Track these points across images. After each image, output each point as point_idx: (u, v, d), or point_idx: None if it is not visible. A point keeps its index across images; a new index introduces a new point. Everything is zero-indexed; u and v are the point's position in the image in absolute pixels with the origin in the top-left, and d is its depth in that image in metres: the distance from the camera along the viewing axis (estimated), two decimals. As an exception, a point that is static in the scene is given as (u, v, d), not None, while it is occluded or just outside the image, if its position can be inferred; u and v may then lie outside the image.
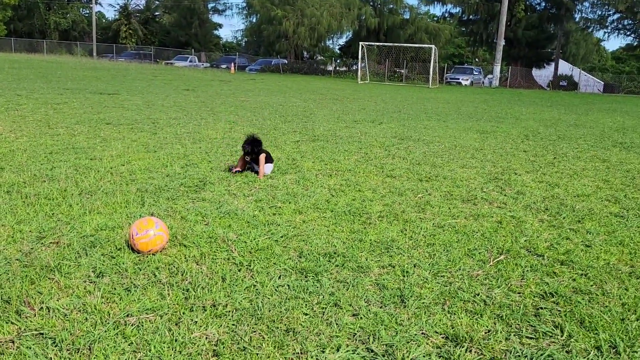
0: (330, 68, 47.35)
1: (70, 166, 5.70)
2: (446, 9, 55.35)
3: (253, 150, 5.61)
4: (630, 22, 51.47)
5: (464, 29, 57.99)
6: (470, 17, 56.38)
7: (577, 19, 54.48)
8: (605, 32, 52.21)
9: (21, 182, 4.95)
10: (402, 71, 39.55)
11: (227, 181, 5.41)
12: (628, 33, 53.51)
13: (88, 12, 73.48)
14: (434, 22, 46.89)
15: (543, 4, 54.36)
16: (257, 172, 5.71)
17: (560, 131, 11.57)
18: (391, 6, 44.02)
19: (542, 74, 54.20)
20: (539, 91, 39.42)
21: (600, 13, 52.44)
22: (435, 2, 52.08)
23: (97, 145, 7.03)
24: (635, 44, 55.88)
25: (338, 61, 50.08)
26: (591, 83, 51.60)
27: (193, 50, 55.81)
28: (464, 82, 39.76)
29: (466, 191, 5.50)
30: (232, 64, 41.58)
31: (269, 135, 8.70)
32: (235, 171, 5.71)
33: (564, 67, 56.37)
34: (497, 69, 39.73)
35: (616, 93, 42.43)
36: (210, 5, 69.12)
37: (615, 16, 51.53)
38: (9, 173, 5.27)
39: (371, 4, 44.23)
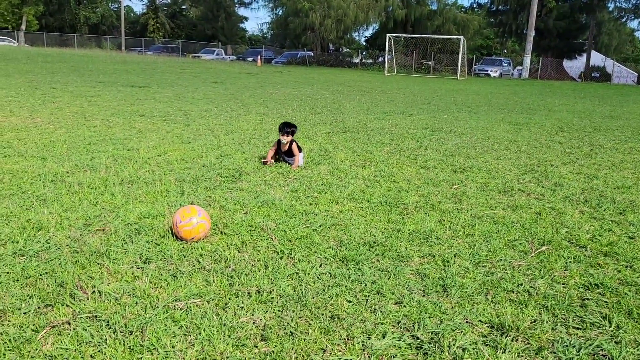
0: (356, 60, 47.17)
1: (109, 157, 5.82)
2: (475, 0, 54.42)
3: (292, 130, 5.69)
4: (666, 11, 50.05)
5: (492, 19, 57.13)
6: (499, 7, 55.50)
7: (610, 9, 53.14)
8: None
9: (64, 171, 5.07)
10: (430, 63, 39.18)
11: (262, 172, 5.46)
12: (663, 22, 52.00)
13: (117, 6, 74.56)
14: (462, 14, 46.26)
15: (574, -7, 53.21)
16: (289, 163, 5.75)
17: (595, 123, 11.34)
18: (419, -3, 43.69)
19: (574, 65, 53.09)
20: (570, 83, 38.63)
21: (634, 2, 51.11)
22: (464, -7, 51.33)
23: (133, 136, 7.15)
24: (671, 33, 54.22)
25: (364, 53, 49.91)
26: (624, 74, 50.36)
27: (220, 43, 56.15)
28: (492, 74, 39.20)
29: (502, 182, 5.45)
30: (259, 57, 41.73)
31: (299, 127, 8.72)
32: (264, 162, 5.74)
33: (596, 58, 55.09)
34: (527, 60, 39.05)
35: (650, 84, 41.35)
36: (236, -1, 69.49)
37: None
38: (51, 163, 5.40)
39: (398, -6, 43.91)
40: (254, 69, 32.58)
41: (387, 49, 33.68)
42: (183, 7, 74.38)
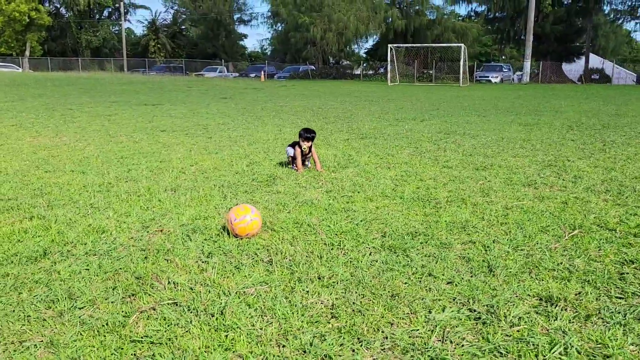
0: (357, 72, 47.64)
1: (145, 168, 6.07)
2: (472, 8, 55.13)
3: (312, 136, 5.96)
4: (662, 11, 50.49)
5: (490, 27, 57.70)
6: (496, 14, 56.08)
7: (606, 11, 53.63)
8: (636, 23, 51.12)
9: (107, 183, 5.32)
10: (431, 72, 39.60)
11: (294, 176, 5.70)
12: (660, 23, 52.43)
13: (118, 29, 75.55)
14: (460, 22, 46.81)
15: (570, -2, 53.77)
16: (306, 166, 6.03)
17: (603, 121, 11.57)
18: (417, 7, 44.14)
19: (572, 69, 53.48)
20: (571, 85, 38.95)
21: (630, 4, 51.60)
22: (461, 1, 52.01)
23: (161, 150, 7.40)
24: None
25: (365, 65, 50.39)
26: (623, 75, 50.71)
27: (223, 60, 56.75)
28: (493, 80, 39.57)
29: (524, 177, 5.67)
30: (262, 72, 42.21)
31: (318, 135, 8.98)
32: (296, 169, 5.97)
33: (595, 61, 55.47)
34: (528, 64, 39.43)
35: (651, 84, 41.64)
36: (236, 16, 70.29)
37: (646, 6, 50.61)
38: (92, 176, 5.65)
39: (397, 6, 44.43)
40: (258, 84, 32.99)
41: (389, 59, 34.10)
42: (183, 27, 75.23)
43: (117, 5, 72.41)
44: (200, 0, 67.44)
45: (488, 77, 39.76)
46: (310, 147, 5.98)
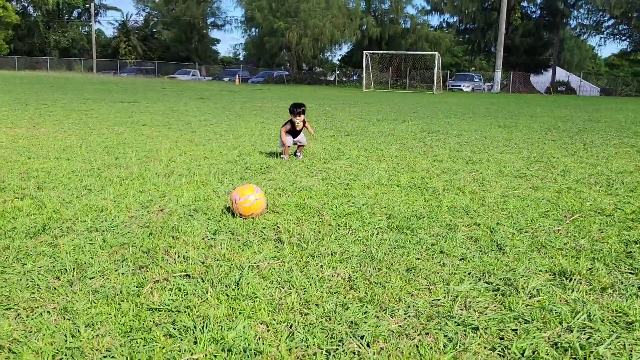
0: (331, 78, 47.83)
1: (133, 157, 5.93)
2: (444, 19, 56.03)
3: (303, 110, 5.99)
4: (625, 27, 52.21)
5: (461, 38, 58.72)
6: (468, 25, 57.12)
7: (573, 25, 55.19)
8: (601, 37, 52.73)
9: (95, 168, 5.18)
10: (405, 80, 40.06)
11: (286, 165, 5.65)
12: (623, 38, 54.24)
13: (87, 30, 74.18)
14: (433, 32, 47.54)
15: (539, 11, 55.17)
16: (297, 156, 6.03)
17: (578, 125, 11.86)
18: (392, 16, 44.66)
19: (540, 81, 54.78)
20: (540, 95, 39.87)
21: (595, 19, 53.20)
22: (433, 12, 52.83)
23: (146, 141, 7.26)
24: (629, 49, 56.54)
25: (338, 72, 50.64)
26: (587, 88, 52.16)
27: (197, 63, 56.29)
28: (465, 89, 40.23)
29: (515, 170, 5.75)
30: (237, 76, 41.99)
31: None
32: (282, 154, 6.02)
33: (561, 74, 56.97)
34: (498, 75, 40.26)
35: (613, 96, 42.95)
36: (209, 21, 69.84)
37: (611, 22, 52.29)
38: (79, 162, 5.49)
39: (372, 14, 44.87)
40: (234, 87, 32.77)
41: (364, 65, 34.35)
42: (155, 30, 74.35)
43: (87, 5, 71.22)
44: (173, 3, 66.80)
45: (460, 85, 40.41)
46: (303, 122, 6.00)
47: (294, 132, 6.01)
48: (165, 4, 67.91)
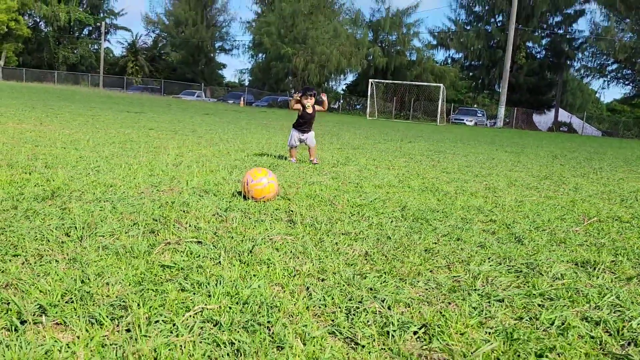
0: (335, 106, 48.14)
1: (140, 150, 5.87)
2: (449, 54, 56.56)
3: (313, 93, 6.07)
4: (629, 72, 52.81)
5: (463, 75, 59.29)
6: (473, 62, 57.76)
7: (577, 67, 55.74)
8: (604, 81, 53.21)
9: (104, 157, 5.11)
10: (409, 112, 40.34)
11: (295, 166, 5.59)
12: (627, 82, 54.80)
13: (97, 47, 74.99)
14: (438, 65, 48.06)
15: (544, 52, 55.85)
16: (312, 162, 5.96)
17: (584, 155, 11.84)
18: (398, 47, 45.20)
19: (542, 120, 55.13)
20: (544, 132, 40.09)
21: (599, 62, 53.83)
22: (439, 47, 53.46)
23: (153, 140, 7.21)
24: (632, 93, 57.06)
25: (341, 101, 50.95)
26: (589, 131, 52.50)
27: (203, 84, 56.77)
28: (468, 123, 40.40)
29: (525, 183, 5.68)
30: (241, 99, 42.22)
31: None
32: (290, 159, 5.98)
33: (563, 115, 57.39)
34: (502, 110, 40.51)
35: (616, 138, 43.18)
36: (217, 45, 70.64)
37: (614, 66, 52.91)
38: (86, 151, 5.43)
39: (380, 44, 45.42)
40: (238, 108, 32.93)
41: (369, 93, 34.60)
42: (163, 51, 75.14)
43: (98, 24, 72.13)
44: (182, 26, 67.70)
45: (463, 120, 40.58)
46: (313, 106, 6.07)
47: (301, 125, 5.97)
48: (175, 26, 68.83)
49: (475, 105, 72.89)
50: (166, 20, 68.12)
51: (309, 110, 6.02)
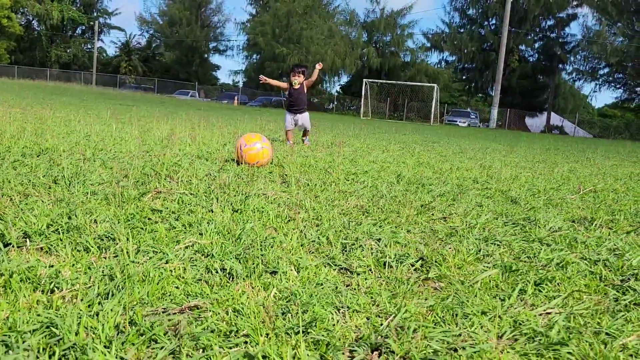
0: (329, 107, 48.13)
1: (132, 128, 5.80)
2: (443, 57, 56.72)
3: (302, 70, 5.92)
4: (620, 75, 53.17)
5: (457, 77, 59.46)
6: (466, 65, 57.96)
7: (569, 70, 56.02)
8: (596, 84, 53.43)
9: (94, 132, 5.04)
10: (402, 113, 40.39)
11: (294, 148, 5.54)
12: (618, 86, 55.16)
13: (90, 47, 74.63)
14: (432, 67, 48.16)
15: (536, 55, 56.13)
16: (304, 142, 5.90)
17: (578, 149, 11.85)
18: (392, 49, 45.26)
19: (534, 123, 55.35)
20: (536, 133, 40.26)
21: (591, 65, 54.14)
22: (433, 49, 53.60)
23: (145, 123, 7.13)
24: (623, 97, 57.41)
25: (335, 103, 50.95)
26: (581, 134, 52.79)
27: (197, 83, 56.62)
28: (461, 124, 40.49)
29: (519, 165, 5.65)
30: (235, 98, 42.12)
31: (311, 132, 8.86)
32: (287, 142, 5.89)
33: (555, 119, 57.67)
34: (495, 111, 40.62)
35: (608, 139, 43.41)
36: (212, 45, 70.50)
37: (606, 69, 53.24)
38: (76, 127, 5.36)
39: (374, 45, 45.44)
40: (232, 107, 32.86)
41: (363, 93, 34.61)
42: (157, 52, 74.88)
43: (91, 23, 71.78)
44: (177, 26, 67.53)
45: (456, 121, 40.65)
46: (302, 84, 5.90)
47: (291, 105, 5.90)
48: (169, 26, 68.64)
49: (469, 108, 73.18)
50: (160, 20, 67.85)
51: (296, 87, 5.90)
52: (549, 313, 1.44)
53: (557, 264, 1.86)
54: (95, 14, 70.94)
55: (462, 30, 54.50)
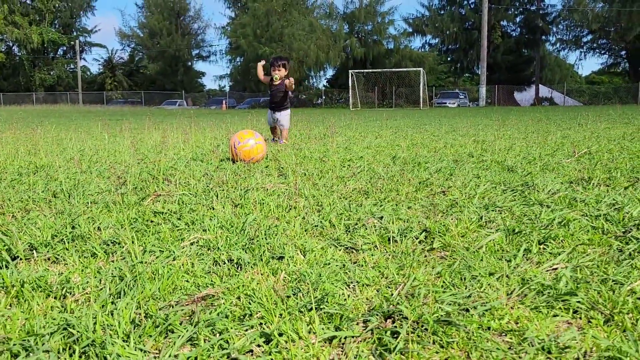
0: (318, 102, 48.10)
1: (124, 140, 5.80)
2: (426, 40, 56.72)
3: (283, 63, 5.51)
4: (604, 41, 53.25)
5: (442, 59, 59.47)
6: (450, 46, 57.96)
7: (553, 41, 56.10)
8: (581, 52, 53.60)
9: (88, 146, 5.04)
10: (391, 101, 40.41)
11: (287, 144, 5.55)
12: (603, 52, 55.27)
13: (73, 66, 74.31)
14: (417, 51, 48.17)
15: (518, 29, 56.16)
16: (276, 140, 5.61)
17: (569, 116, 11.89)
18: (375, 37, 45.23)
19: (523, 98, 55.41)
20: (526, 107, 40.34)
21: (574, 34, 54.21)
22: (415, 34, 53.58)
23: (137, 134, 7.13)
24: (610, 62, 57.52)
25: (324, 97, 50.98)
26: (571, 103, 52.90)
27: (184, 92, 56.54)
28: (451, 105, 40.53)
29: (513, 137, 5.68)
30: (224, 102, 42.07)
31: (302, 127, 8.88)
32: (277, 140, 5.80)
33: (543, 90, 57.75)
34: (483, 89, 40.68)
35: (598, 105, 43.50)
36: (194, 52, 70.28)
37: (589, 36, 53.31)
38: (70, 144, 5.35)
39: (356, 35, 45.40)
40: (221, 112, 32.81)
41: (350, 84, 34.59)
42: (140, 65, 74.59)
43: (72, 43, 71.45)
44: (158, 37, 67.28)
45: (446, 103, 40.70)
46: (282, 80, 5.42)
47: (270, 102, 5.59)
48: (150, 37, 68.39)
49: (457, 89, 73.21)
50: (140, 33, 67.54)
51: (276, 82, 5.45)
52: (555, 268, 1.46)
53: (559, 222, 1.88)
54: (75, 34, 70.55)
55: (442, 12, 54.50)
